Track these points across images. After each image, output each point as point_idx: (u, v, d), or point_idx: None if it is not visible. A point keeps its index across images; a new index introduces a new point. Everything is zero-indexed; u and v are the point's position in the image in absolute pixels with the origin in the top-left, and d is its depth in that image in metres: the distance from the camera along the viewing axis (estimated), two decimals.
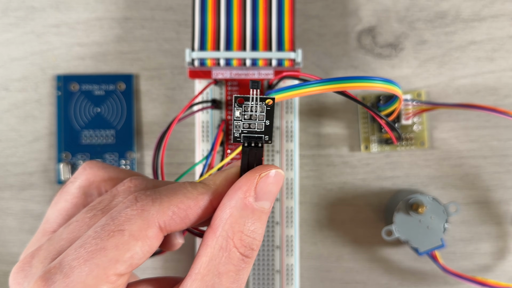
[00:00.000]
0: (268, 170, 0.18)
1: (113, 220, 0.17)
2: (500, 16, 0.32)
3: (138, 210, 0.17)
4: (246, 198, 0.18)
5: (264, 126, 0.18)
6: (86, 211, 0.19)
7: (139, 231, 0.17)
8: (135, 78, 0.32)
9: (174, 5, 0.32)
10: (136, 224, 0.17)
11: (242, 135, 0.19)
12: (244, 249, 0.18)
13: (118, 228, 0.17)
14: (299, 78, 0.25)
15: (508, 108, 0.31)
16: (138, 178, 0.20)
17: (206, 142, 0.29)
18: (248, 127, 0.19)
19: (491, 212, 0.32)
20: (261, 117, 0.18)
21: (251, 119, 0.18)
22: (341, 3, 0.32)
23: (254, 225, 0.18)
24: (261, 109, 0.18)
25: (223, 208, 0.18)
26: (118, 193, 0.19)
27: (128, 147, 0.32)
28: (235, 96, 0.18)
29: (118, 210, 0.18)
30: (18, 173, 0.32)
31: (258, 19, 0.29)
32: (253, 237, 0.18)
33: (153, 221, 0.17)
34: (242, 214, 0.18)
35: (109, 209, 0.19)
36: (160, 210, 0.18)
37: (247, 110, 0.18)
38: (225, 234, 0.18)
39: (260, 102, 0.18)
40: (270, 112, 0.18)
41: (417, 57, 0.32)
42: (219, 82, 0.29)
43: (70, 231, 0.18)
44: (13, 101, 0.32)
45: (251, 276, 0.29)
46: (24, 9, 0.32)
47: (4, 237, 0.32)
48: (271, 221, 0.30)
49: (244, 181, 0.18)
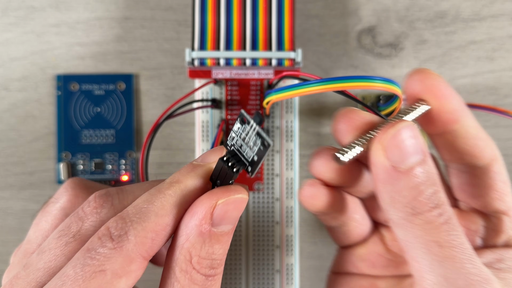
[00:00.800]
0: (228, 196, 0.17)
1: (92, 259, 0.17)
2: (500, 16, 0.32)
3: (116, 248, 0.17)
4: (202, 225, 0.17)
5: (252, 158, 0.17)
6: (57, 238, 0.18)
7: (121, 268, 0.17)
8: (135, 78, 0.32)
9: (174, 5, 0.32)
10: (117, 262, 0.17)
11: (232, 147, 0.18)
12: (205, 270, 0.18)
13: (100, 269, 0.16)
14: (299, 78, 0.25)
15: (508, 108, 0.31)
16: (101, 196, 0.19)
17: (206, 142, 0.29)
18: (240, 146, 0.18)
19: None
20: (253, 149, 0.17)
21: (244, 142, 0.18)
22: (341, 3, 0.32)
23: (213, 248, 0.17)
24: (255, 143, 0.17)
25: (179, 232, 0.18)
26: (85, 216, 0.19)
27: (128, 147, 0.32)
28: (242, 112, 0.17)
29: (94, 248, 0.17)
30: (18, 173, 0.32)
31: (258, 19, 0.29)
32: (213, 258, 0.18)
33: (134, 255, 0.17)
34: (198, 240, 0.17)
35: (81, 236, 0.18)
36: (138, 242, 0.17)
37: (244, 131, 0.17)
38: (183, 258, 0.17)
39: (257, 136, 0.17)
40: (262, 152, 0.17)
41: (417, 56, 0.32)
42: (219, 82, 0.29)
43: (46, 261, 0.18)
44: (13, 101, 0.32)
45: (251, 276, 0.29)
46: (24, 9, 0.32)
47: (4, 237, 0.33)
48: (271, 220, 0.30)
49: (200, 206, 0.17)
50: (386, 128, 0.17)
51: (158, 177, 0.32)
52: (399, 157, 0.17)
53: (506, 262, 0.20)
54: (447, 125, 0.19)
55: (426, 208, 0.17)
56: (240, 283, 0.29)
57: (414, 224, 0.17)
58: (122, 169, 0.32)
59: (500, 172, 0.20)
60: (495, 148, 0.20)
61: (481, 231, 0.21)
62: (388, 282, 0.22)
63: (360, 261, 0.23)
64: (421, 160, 0.17)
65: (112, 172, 0.32)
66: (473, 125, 0.19)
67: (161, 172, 0.32)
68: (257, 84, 0.29)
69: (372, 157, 0.18)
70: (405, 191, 0.17)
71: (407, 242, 0.18)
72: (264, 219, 0.29)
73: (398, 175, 0.17)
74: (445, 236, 0.17)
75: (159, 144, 0.32)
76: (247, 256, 0.29)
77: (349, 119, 0.19)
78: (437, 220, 0.17)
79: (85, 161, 0.32)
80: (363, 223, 0.22)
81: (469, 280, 0.17)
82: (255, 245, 0.29)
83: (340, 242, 0.23)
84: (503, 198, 0.20)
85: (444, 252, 0.17)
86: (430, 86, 0.18)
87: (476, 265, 0.17)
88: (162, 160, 0.32)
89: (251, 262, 0.29)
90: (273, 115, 0.29)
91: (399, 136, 0.17)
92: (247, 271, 0.30)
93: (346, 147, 0.18)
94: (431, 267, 0.17)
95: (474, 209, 0.21)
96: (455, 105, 0.18)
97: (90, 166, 0.32)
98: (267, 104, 0.25)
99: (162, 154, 0.32)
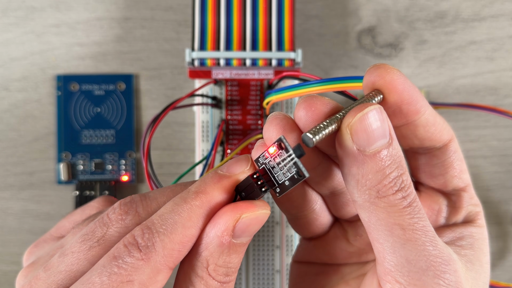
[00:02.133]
0: (252, 211, 0.18)
1: (119, 268, 0.17)
2: (500, 16, 0.32)
3: (144, 259, 0.17)
4: (223, 237, 0.17)
5: (283, 182, 0.18)
6: (81, 241, 0.18)
7: (148, 279, 0.17)
8: (135, 78, 0.32)
9: (174, 5, 0.32)
10: (145, 273, 0.17)
11: (263, 165, 0.18)
12: (220, 278, 0.18)
13: (127, 279, 0.17)
14: (299, 78, 0.25)
15: (508, 108, 0.31)
16: (126, 203, 0.19)
17: (206, 142, 0.29)
18: (272, 167, 0.18)
19: (491, 212, 0.32)
20: (286, 175, 0.17)
21: (277, 166, 0.18)
22: (341, 3, 0.32)
23: (230, 257, 0.18)
24: (289, 170, 0.17)
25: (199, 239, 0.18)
26: (110, 222, 0.19)
27: (128, 147, 0.32)
28: (282, 138, 0.17)
29: (120, 256, 0.17)
30: (18, 173, 0.32)
31: (258, 19, 0.29)
32: (229, 266, 0.18)
33: (162, 266, 0.17)
34: (217, 250, 0.17)
35: (105, 241, 0.18)
36: (165, 254, 0.17)
37: (281, 156, 0.17)
38: (200, 264, 0.18)
39: (294, 165, 0.17)
40: (295, 180, 0.17)
41: (417, 57, 0.32)
42: (219, 82, 0.29)
43: (68, 264, 0.18)
44: (13, 101, 0.32)
45: (251, 276, 0.29)
46: (24, 9, 0.32)
47: (4, 237, 0.33)
48: (271, 221, 0.30)
49: (224, 218, 0.17)
50: (353, 112, 0.17)
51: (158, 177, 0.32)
52: (365, 141, 0.17)
53: (466, 239, 0.20)
54: (409, 117, 0.19)
55: (391, 192, 0.17)
56: (240, 283, 0.29)
57: (378, 207, 0.17)
58: (122, 169, 0.32)
59: (456, 151, 0.21)
60: (450, 129, 0.21)
61: (443, 210, 0.22)
62: (351, 267, 0.22)
63: (323, 254, 0.23)
64: (387, 143, 0.17)
65: (112, 172, 0.32)
66: (431, 113, 0.19)
67: (161, 172, 0.32)
68: (257, 84, 0.29)
69: (339, 140, 0.18)
70: (370, 174, 0.17)
71: (370, 223, 0.18)
72: None
73: (364, 158, 0.17)
74: (408, 219, 0.17)
75: (159, 144, 0.32)
76: (247, 256, 0.29)
77: (311, 106, 0.18)
78: (400, 203, 0.17)
79: (85, 161, 0.32)
80: (322, 216, 0.22)
81: (430, 262, 0.17)
82: (255, 245, 0.29)
83: (301, 233, 0.23)
84: (460, 175, 0.21)
85: (406, 235, 0.17)
86: (390, 81, 0.18)
87: (438, 247, 0.17)
88: (162, 160, 0.32)
89: (251, 262, 0.29)
90: None
91: (367, 119, 0.17)
92: (247, 271, 0.30)
93: (314, 129, 0.17)
94: (393, 248, 0.17)
95: (434, 188, 0.22)
96: (416, 98, 0.19)
97: (90, 166, 0.32)
98: (267, 104, 0.25)
99: (162, 154, 0.32)
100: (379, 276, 0.18)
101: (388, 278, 0.18)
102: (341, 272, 0.22)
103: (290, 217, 0.22)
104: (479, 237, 0.21)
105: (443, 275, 0.17)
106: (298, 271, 0.24)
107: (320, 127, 0.17)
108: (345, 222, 0.23)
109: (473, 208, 0.21)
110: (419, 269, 0.17)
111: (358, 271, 0.22)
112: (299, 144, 0.17)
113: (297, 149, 0.17)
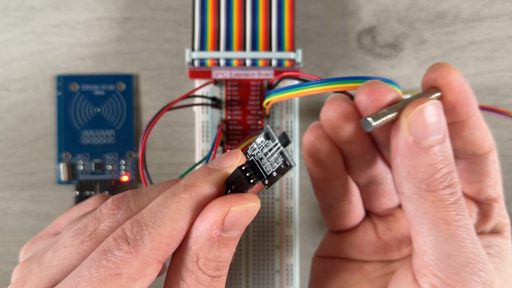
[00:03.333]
0: (241, 204, 0.18)
1: (107, 261, 0.17)
2: (500, 16, 0.32)
3: (132, 252, 0.17)
4: (212, 230, 0.17)
5: (270, 173, 0.18)
6: (73, 236, 0.18)
7: (137, 272, 0.17)
8: (135, 78, 0.32)
9: (174, 5, 0.32)
10: (133, 266, 0.17)
11: (252, 157, 0.18)
12: (211, 272, 0.18)
13: (115, 272, 0.17)
14: (299, 78, 0.25)
15: (508, 108, 0.31)
16: (119, 198, 0.19)
17: (206, 142, 0.29)
18: (260, 159, 0.18)
19: None
20: (273, 165, 0.18)
21: (265, 156, 0.18)
22: (341, 3, 0.32)
23: (220, 251, 0.18)
24: (276, 160, 0.17)
25: (189, 233, 0.18)
26: (102, 217, 0.19)
27: (128, 147, 0.32)
28: (268, 128, 0.17)
29: (110, 249, 0.17)
30: (18, 173, 0.32)
31: (258, 19, 0.29)
32: (219, 260, 0.18)
33: (150, 259, 0.17)
34: (207, 243, 0.17)
35: (96, 236, 0.18)
36: (153, 247, 0.17)
37: (268, 146, 0.18)
38: (189, 258, 0.18)
39: (280, 154, 0.17)
40: (282, 170, 0.17)
41: (417, 57, 0.32)
42: (219, 82, 0.29)
43: (60, 258, 0.18)
44: (13, 101, 0.32)
45: (251, 276, 0.29)
46: (24, 9, 0.32)
47: (4, 237, 0.33)
48: (271, 221, 0.30)
49: (212, 211, 0.17)
50: (414, 103, 0.18)
51: (158, 177, 0.32)
52: (422, 133, 0.17)
53: (494, 248, 0.21)
54: (460, 117, 0.19)
55: (440, 186, 0.18)
56: (240, 283, 0.29)
57: (426, 200, 0.18)
58: (122, 170, 0.32)
59: (495, 161, 0.21)
60: (492, 138, 0.21)
61: (474, 217, 0.22)
62: (375, 265, 0.23)
63: (350, 248, 0.23)
64: (441, 139, 0.18)
65: (112, 173, 0.32)
66: (479, 117, 0.20)
67: (161, 172, 0.32)
68: (257, 85, 0.29)
69: (396, 129, 0.18)
70: (423, 167, 0.18)
71: (415, 216, 0.18)
72: (264, 219, 0.30)
73: (419, 150, 0.18)
74: (453, 215, 0.18)
75: (159, 144, 0.32)
76: (247, 256, 0.29)
77: (374, 91, 0.19)
78: (448, 198, 0.18)
79: (85, 162, 0.32)
80: (357, 208, 0.23)
81: (469, 259, 0.18)
82: (255, 245, 0.29)
83: (332, 225, 0.23)
84: (495, 186, 0.21)
85: (450, 230, 0.18)
86: (451, 81, 0.19)
87: (477, 246, 0.18)
88: (162, 160, 0.32)
89: (251, 262, 0.29)
90: (273, 116, 0.29)
91: (426, 112, 0.18)
92: (247, 271, 0.30)
93: (374, 114, 0.18)
94: (435, 242, 0.18)
95: (467, 195, 0.22)
96: (470, 100, 0.19)
97: (90, 167, 0.32)
98: (267, 104, 0.25)
99: (162, 154, 0.32)
100: (415, 270, 0.19)
101: (425, 271, 0.18)
102: (365, 270, 0.23)
103: (325, 207, 0.23)
104: (505, 248, 0.21)
105: (480, 272, 0.18)
106: (321, 266, 0.24)
107: (380, 113, 0.18)
108: (376, 216, 0.23)
109: (502, 219, 0.22)
110: (458, 264, 0.18)
111: (382, 269, 0.22)
112: (284, 132, 0.17)
113: (282, 137, 0.17)
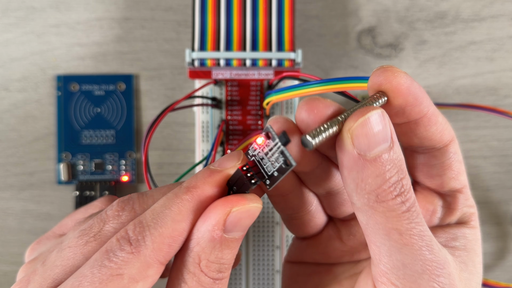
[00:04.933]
0: (243, 205, 0.17)
1: (109, 262, 0.17)
2: (500, 16, 0.32)
3: (134, 253, 0.17)
4: (214, 231, 0.17)
5: (271, 173, 0.18)
6: (78, 237, 0.19)
7: (138, 273, 0.17)
8: (135, 78, 0.32)
9: (174, 5, 0.32)
10: (134, 267, 0.17)
11: (253, 157, 0.18)
12: (213, 274, 0.18)
13: (117, 273, 0.17)
14: (299, 79, 0.25)
15: (508, 108, 0.31)
16: (124, 200, 0.19)
17: (206, 142, 0.29)
18: (261, 159, 0.18)
19: (491, 212, 0.32)
20: (274, 165, 0.17)
21: (266, 156, 0.18)
22: (341, 3, 0.32)
23: (222, 253, 0.18)
24: (277, 159, 0.17)
25: (191, 235, 0.18)
26: (107, 218, 0.19)
27: (128, 147, 0.32)
28: (269, 127, 0.17)
29: (112, 250, 0.17)
30: (18, 173, 0.32)
31: (258, 19, 0.29)
32: (221, 262, 0.18)
33: (152, 260, 0.17)
34: (209, 245, 0.17)
35: (101, 236, 0.18)
36: (155, 248, 0.17)
37: (268, 146, 0.17)
38: (191, 260, 0.18)
39: (280, 154, 0.17)
40: (283, 169, 0.17)
41: (417, 57, 0.32)
42: (219, 82, 0.29)
43: (64, 259, 0.18)
44: (13, 101, 0.32)
45: (251, 276, 0.29)
46: (24, 9, 0.32)
47: (4, 237, 0.33)
48: (271, 221, 0.30)
49: (214, 212, 0.17)
50: (355, 115, 0.17)
51: (158, 177, 0.32)
52: (366, 145, 0.17)
53: (460, 240, 0.20)
54: (411, 117, 0.19)
55: (390, 197, 0.17)
56: (240, 283, 0.29)
57: (376, 211, 0.17)
58: (122, 170, 0.32)
59: (456, 152, 0.21)
60: (451, 129, 0.21)
61: (438, 210, 0.22)
62: (344, 267, 0.22)
63: (316, 253, 0.23)
64: (388, 147, 0.17)
65: (112, 173, 0.32)
66: (434, 112, 0.19)
67: (161, 172, 0.32)
68: (257, 85, 0.29)
69: (339, 143, 0.18)
70: (370, 178, 0.17)
71: (368, 227, 0.18)
72: (264, 219, 0.30)
73: (364, 163, 0.17)
74: (406, 224, 0.17)
75: (159, 144, 0.32)
76: (247, 256, 0.29)
77: (313, 108, 0.18)
78: (399, 208, 0.17)
79: (85, 162, 0.32)
80: (317, 217, 0.22)
81: (425, 266, 0.17)
82: (255, 245, 0.29)
83: (295, 233, 0.23)
84: (458, 177, 0.21)
85: (403, 240, 0.17)
86: (396, 85, 0.18)
87: (433, 251, 0.18)
88: (162, 160, 0.32)
89: (251, 262, 0.29)
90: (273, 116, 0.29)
91: (368, 124, 0.17)
92: (247, 271, 0.30)
93: (313, 131, 0.17)
94: (390, 252, 0.18)
95: (430, 188, 0.22)
96: (420, 100, 0.19)
97: (90, 167, 0.32)
98: (267, 104, 0.25)
99: (162, 154, 0.32)
100: (374, 277, 0.19)
101: (383, 279, 0.18)
102: (333, 272, 0.22)
103: (285, 217, 0.22)
104: (472, 238, 0.21)
105: (437, 278, 0.17)
106: (291, 271, 0.24)
107: (320, 129, 0.17)
108: (339, 222, 0.23)
109: (467, 209, 0.21)
110: (414, 272, 0.17)
111: (350, 270, 0.22)
112: (285, 131, 0.17)
113: (283, 136, 0.17)
